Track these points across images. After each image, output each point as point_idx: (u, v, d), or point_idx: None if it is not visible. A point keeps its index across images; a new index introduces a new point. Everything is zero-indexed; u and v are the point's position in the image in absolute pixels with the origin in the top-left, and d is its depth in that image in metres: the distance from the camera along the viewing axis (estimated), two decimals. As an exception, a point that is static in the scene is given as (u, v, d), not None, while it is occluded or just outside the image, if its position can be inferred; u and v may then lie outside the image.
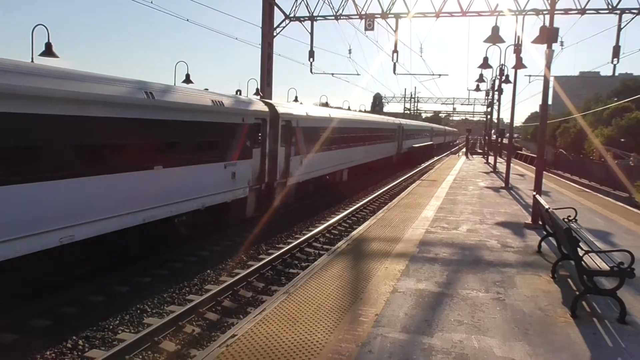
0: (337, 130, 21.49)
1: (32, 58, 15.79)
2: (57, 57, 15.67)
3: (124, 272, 9.64)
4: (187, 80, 24.21)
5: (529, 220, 12.22)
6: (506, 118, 77.83)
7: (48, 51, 15.41)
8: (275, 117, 15.31)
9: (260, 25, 23.53)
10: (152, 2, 16.27)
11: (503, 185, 20.50)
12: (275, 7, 23.74)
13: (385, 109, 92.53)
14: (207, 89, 15.45)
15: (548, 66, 11.25)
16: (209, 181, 11.68)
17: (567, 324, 5.89)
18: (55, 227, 7.64)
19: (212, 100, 11.81)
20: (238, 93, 19.50)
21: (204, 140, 11.56)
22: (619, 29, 20.42)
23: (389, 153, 34.86)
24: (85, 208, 8.27)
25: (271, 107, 15.35)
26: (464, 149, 59.82)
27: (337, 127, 21.63)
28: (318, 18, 23.73)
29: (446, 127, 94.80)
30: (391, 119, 38.52)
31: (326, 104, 51.80)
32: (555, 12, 11.70)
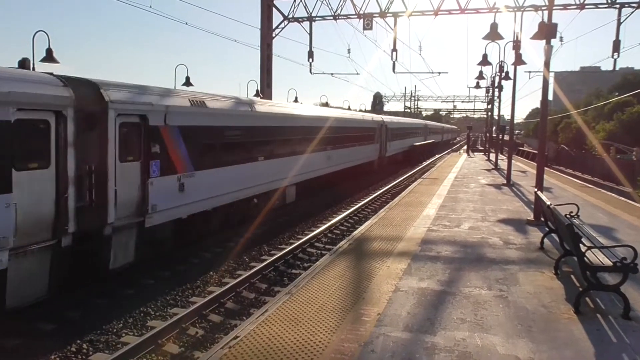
0: (268, 131, 15.20)
1: (34, 64, 15.84)
2: (57, 62, 15.70)
3: (127, 275, 9.65)
4: (187, 82, 24.23)
5: (531, 216, 12.19)
6: (507, 115, 77.73)
7: (49, 57, 15.46)
8: (94, 108, 8.56)
9: (259, 27, 23.58)
10: (150, 7, 16.30)
11: (505, 182, 20.45)
12: (273, 9, 23.78)
13: (385, 108, 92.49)
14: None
15: (547, 62, 11.22)
16: None
17: (571, 320, 5.87)
18: None
19: None
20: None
21: None
22: (619, 23, 20.41)
23: (367, 158, 28.60)
24: None
25: (84, 87, 8.52)
26: (465, 147, 59.68)
27: (267, 126, 15.18)
28: (316, 18, 23.79)
29: (444, 125, 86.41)
30: (369, 116, 32.25)
31: (326, 104, 51.79)
32: (554, 7, 11.69)
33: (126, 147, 9.29)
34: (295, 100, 33.55)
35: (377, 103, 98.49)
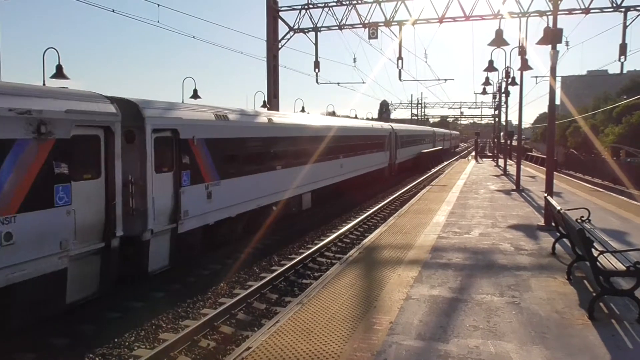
0: None
1: (44, 80, 16.10)
2: (67, 78, 15.94)
3: (138, 288, 9.69)
4: (195, 95, 24.49)
5: (541, 222, 12.11)
6: (514, 120, 77.26)
7: (59, 73, 15.70)
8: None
9: (265, 39, 23.78)
10: (158, 22, 16.55)
11: (514, 187, 20.35)
12: (279, 20, 23.99)
13: (392, 116, 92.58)
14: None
15: (553, 67, 11.21)
16: None
17: (585, 326, 5.81)
18: None
19: None
20: None
21: None
22: (625, 27, 20.31)
23: None
24: None
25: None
26: (473, 153, 59.41)
27: None
28: (322, 29, 23.92)
29: (436, 129, 63.13)
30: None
31: (333, 113, 51.96)
32: (559, 12, 11.70)
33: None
34: (302, 110, 33.69)
35: (384, 111, 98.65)
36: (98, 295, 8.61)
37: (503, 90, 30.76)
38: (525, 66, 18.63)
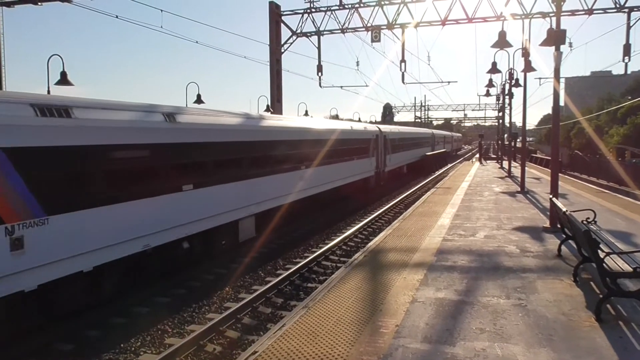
0: None
1: (49, 87, 16.21)
2: (72, 85, 16.04)
3: (143, 293, 9.71)
4: (199, 100, 24.58)
5: (547, 224, 12.06)
6: (518, 122, 76.93)
7: (63, 80, 15.80)
8: None
9: (268, 43, 23.87)
10: (161, 27, 16.66)
11: (519, 189, 20.27)
12: (282, 24, 24.09)
13: (395, 119, 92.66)
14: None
15: (557, 68, 11.18)
16: None
17: (592, 328, 5.78)
18: None
19: None
20: None
21: None
22: (628, 28, 20.29)
23: None
24: None
25: None
26: (477, 155, 59.23)
27: None
28: (324, 32, 24.00)
29: (435, 131, 57.54)
30: None
31: (336, 117, 51.96)
32: (562, 13, 11.67)
33: None
34: (306, 114, 33.75)
35: (387, 114, 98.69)
36: None
37: (506, 92, 30.72)
38: (528, 68, 18.60)
